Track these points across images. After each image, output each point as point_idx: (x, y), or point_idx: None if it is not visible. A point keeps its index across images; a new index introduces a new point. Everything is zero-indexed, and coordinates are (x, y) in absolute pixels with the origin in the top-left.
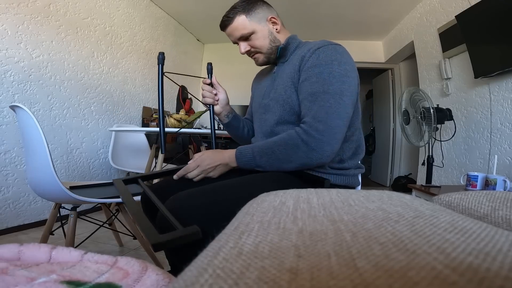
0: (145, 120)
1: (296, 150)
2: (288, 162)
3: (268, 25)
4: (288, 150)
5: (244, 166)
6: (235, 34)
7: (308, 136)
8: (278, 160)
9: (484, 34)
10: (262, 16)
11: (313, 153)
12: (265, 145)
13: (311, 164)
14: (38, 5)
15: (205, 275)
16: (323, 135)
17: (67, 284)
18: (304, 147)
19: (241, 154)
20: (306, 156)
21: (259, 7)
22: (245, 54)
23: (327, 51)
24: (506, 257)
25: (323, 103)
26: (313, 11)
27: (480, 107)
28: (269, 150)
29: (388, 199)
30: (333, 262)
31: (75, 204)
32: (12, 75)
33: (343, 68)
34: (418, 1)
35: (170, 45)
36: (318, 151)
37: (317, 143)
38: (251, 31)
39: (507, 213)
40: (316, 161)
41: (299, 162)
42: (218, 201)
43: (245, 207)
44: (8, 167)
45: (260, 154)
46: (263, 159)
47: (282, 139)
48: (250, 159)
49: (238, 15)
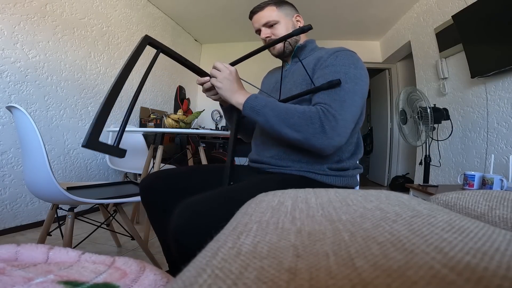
0: (143, 120)
1: (309, 124)
2: (293, 130)
3: (293, 20)
4: (302, 120)
5: (248, 109)
6: (262, 20)
7: (326, 118)
8: (285, 122)
9: (481, 34)
10: (290, 13)
11: (322, 136)
12: (283, 104)
13: (313, 144)
14: (34, 5)
15: (203, 276)
16: (337, 123)
17: (65, 284)
18: (318, 126)
19: (256, 98)
20: (313, 135)
21: (288, 5)
22: (264, 39)
23: (344, 55)
24: (503, 256)
25: (338, 97)
26: (311, 11)
27: (476, 107)
28: (284, 110)
29: (386, 198)
30: (331, 261)
31: (72, 205)
32: (9, 75)
33: (358, 72)
34: (415, 1)
35: (167, 45)
36: (328, 136)
37: (330, 128)
38: (277, 20)
39: (504, 212)
40: (320, 145)
41: (304, 136)
42: (232, 207)
43: (243, 207)
44: (5, 168)
45: (273, 107)
46: (273, 112)
47: (302, 108)
48: (261, 106)
49: (269, 5)
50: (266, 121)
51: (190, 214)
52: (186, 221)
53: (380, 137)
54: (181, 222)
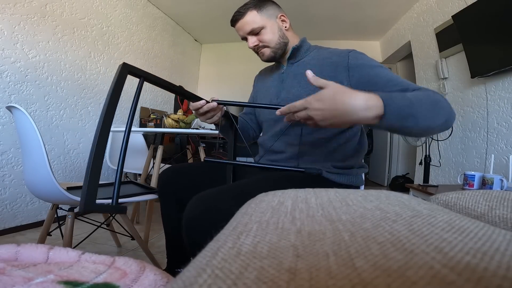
0: (143, 120)
1: (443, 105)
2: (442, 116)
3: (278, 22)
4: (439, 103)
5: (395, 112)
6: (246, 29)
7: (439, 94)
8: (433, 111)
9: (481, 34)
10: (272, 13)
11: (452, 112)
12: (414, 95)
13: (451, 121)
14: (34, 5)
15: (203, 276)
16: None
17: (65, 284)
18: (446, 104)
19: (392, 97)
20: (449, 113)
21: (269, 5)
22: (252, 48)
23: (359, 53)
24: (503, 256)
25: (408, 84)
26: (311, 12)
27: (476, 107)
28: (424, 99)
29: (386, 198)
30: (331, 261)
31: (72, 205)
32: (9, 75)
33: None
34: (415, 1)
35: (167, 45)
36: (452, 112)
37: (446, 101)
38: (262, 26)
39: (504, 212)
40: (452, 122)
41: (445, 117)
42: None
43: (243, 207)
44: (5, 168)
45: (418, 103)
46: (423, 107)
47: (427, 93)
48: (407, 107)
49: (249, 10)
50: (416, 123)
51: (203, 206)
52: (199, 213)
53: (380, 137)
54: (194, 214)
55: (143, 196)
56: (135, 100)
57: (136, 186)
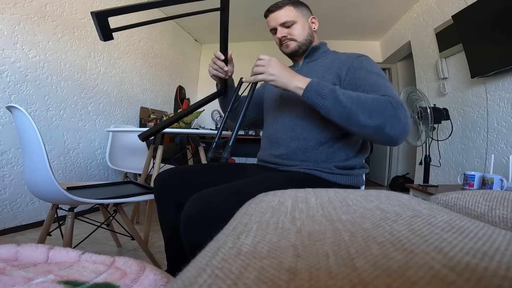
0: (143, 120)
1: (384, 109)
2: (368, 116)
3: (309, 21)
4: (375, 105)
5: (311, 93)
6: (279, 20)
7: (397, 106)
8: (359, 107)
9: (481, 34)
10: (306, 13)
11: (397, 122)
12: (349, 91)
13: (387, 132)
14: (34, 5)
15: (203, 275)
16: (407, 113)
17: (65, 284)
18: (391, 111)
19: (319, 82)
20: (389, 120)
21: (304, 6)
22: (280, 38)
23: (367, 59)
24: (503, 256)
25: (390, 92)
26: None
27: (476, 107)
28: (356, 95)
29: (386, 198)
30: (331, 262)
31: (72, 205)
32: (9, 75)
33: (385, 75)
34: (415, 1)
35: (167, 45)
36: (402, 123)
37: (403, 117)
38: (294, 20)
39: (504, 212)
40: (394, 131)
41: (378, 121)
42: (243, 201)
43: (243, 207)
44: (5, 168)
45: (343, 92)
46: (343, 96)
47: (373, 95)
48: (328, 90)
49: (287, 5)
50: (334, 107)
51: (201, 206)
52: (197, 212)
53: None
54: (192, 213)
55: (143, 196)
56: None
57: (136, 186)
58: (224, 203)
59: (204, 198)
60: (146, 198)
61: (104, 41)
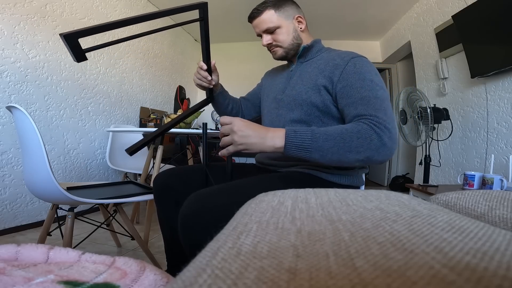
0: (143, 120)
1: (369, 142)
2: (356, 153)
3: (294, 23)
4: (360, 140)
5: (293, 149)
6: (262, 26)
7: (381, 131)
8: (345, 148)
9: (481, 34)
10: (290, 14)
11: (384, 149)
12: (330, 129)
13: (376, 159)
14: (34, 5)
15: (203, 275)
16: (391, 132)
17: (65, 284)
18: (377, 140)
19: (296, 133)
20: (377, 151)
21: (288, 5)
22: (265, 46)
23: (361, 61)
24: (503, 256)
25: (378, 106)
26: (311, 12)
27: (476, 107)
28: (338, 135)
29: (386, 198)
30: (331, 262)
31: (72, 205)
32: (9, 75)
33: (379, 79)
34: (415, 1)
35: (167, 45)
36: (388, 147)
37: (388, 139)
38: (277, 26)
39: (504, 212)
40: (382, 157)
41: (367, 154)
42: (240, 201)
43: (243, 207)
44: (5, 168)
45: (324, 137)
46: (327, 143)
47: (354, 128)
48: (309, 140)
49: (267, 9)
50: (322, 156)
51: (197, 205)
52: (193, 211)
53: None
54: (189, 212)
55: (143, 196)
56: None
57: (136, 186)
58: (221, 202)
59: (201, 197)
60: (146, 198)
61: (77, 62)
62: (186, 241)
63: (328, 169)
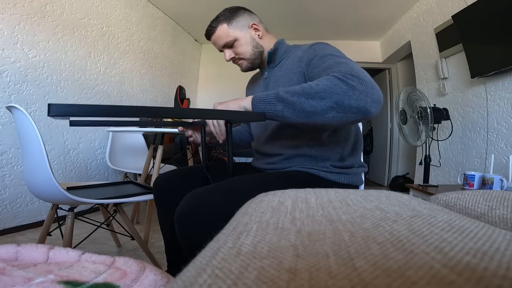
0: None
1: (332, 86)
2: (320, 99)
3: (250, 31)
4: (321, 86)
5: (258, 102)
6: (219, 43)
7: (345, 77)
8: (306, 95)
9: (481, 34)
10: (244, 24)
11: (354, 91)
12: (293, 87)
13: (349, 103)
14: (34, 5)
15: (203, 275)
16: (359, 77)
17: (65, 284)
18: (342, 84)
19: (262, 93)
20: (344, 93)
21: (240, 15)
22: (229, 61)
23: (320, 45)
24: (503, 256)
25: (342, 67)
26: (310, 12)
27: (476, 107)
28: (299, 87)
29: (386, 198)
30: (331, 262)
31: (72, 205)
32: (9, 75)
33: (341, 53)
34: (415, 1)
35: (167, 45)
36: (359, 90)
37: (358, 83)
38: (234, 39)
39: (504, 212)
40: (357, 101)
41: (334, 99)
42: (237, 199)
43: (243, 207)
44: (5, 168)
45: (286, 90)
46: (288, 94)
47: (316, 80)
48: (273, 94)
49: (220, 24)
50: (284, 107)
51: (193, 202)
52: (189, 208)
53: (380, 137)
54: (185, 209)
55: (143, 196)
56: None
57: (136, 186)
58: (218, 199)
59: (197, 195)
60: (146, 198)
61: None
62: (182, 238)
63: (326, 168)
